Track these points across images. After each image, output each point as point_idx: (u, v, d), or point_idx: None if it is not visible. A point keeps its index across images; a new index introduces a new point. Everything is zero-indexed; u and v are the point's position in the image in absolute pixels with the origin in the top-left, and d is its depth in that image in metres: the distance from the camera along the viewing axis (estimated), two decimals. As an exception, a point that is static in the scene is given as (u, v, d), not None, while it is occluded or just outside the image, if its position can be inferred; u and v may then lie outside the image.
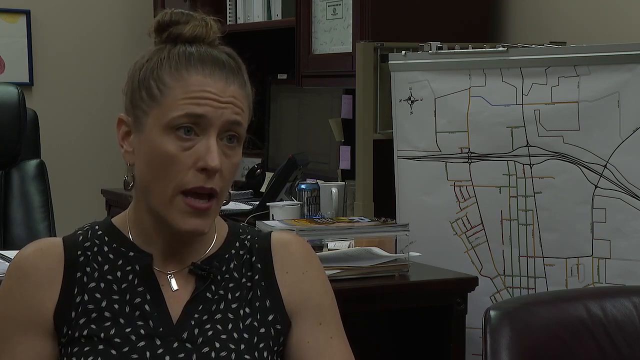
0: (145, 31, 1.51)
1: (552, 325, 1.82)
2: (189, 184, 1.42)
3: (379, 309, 2.57)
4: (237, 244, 1.55)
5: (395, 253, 2.54)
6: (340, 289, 1.77)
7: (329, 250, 2.52)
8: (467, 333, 2.54)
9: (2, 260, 2.36)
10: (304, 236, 2.37)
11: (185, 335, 1.46)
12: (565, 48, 2.85)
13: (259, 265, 1.53)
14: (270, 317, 1.50)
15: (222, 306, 1.49)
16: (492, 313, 1.80)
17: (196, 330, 1.46)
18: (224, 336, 1.46)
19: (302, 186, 3.37)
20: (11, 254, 2.29)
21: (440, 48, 2.95)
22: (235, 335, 1.47)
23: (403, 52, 3.01)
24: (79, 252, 1.50)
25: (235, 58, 1.49)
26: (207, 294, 1.49)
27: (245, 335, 1.47)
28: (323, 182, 3.49)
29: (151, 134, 1.43)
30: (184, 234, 1.46)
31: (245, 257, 1.54)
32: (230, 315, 1.48)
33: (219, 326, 1.47)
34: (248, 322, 1.48)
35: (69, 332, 1.45)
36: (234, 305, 1.49)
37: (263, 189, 3.93)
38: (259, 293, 1.51)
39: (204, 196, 1.43)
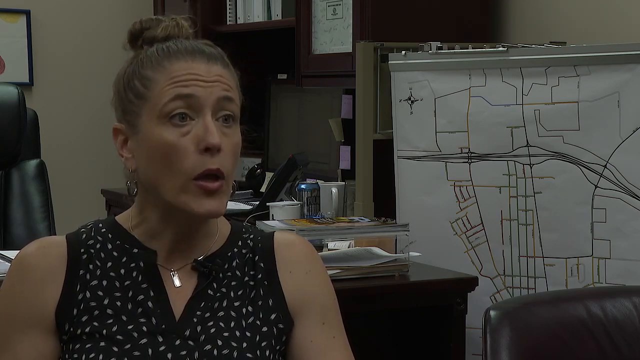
0: (121, 45, 1.54)
1: (552, 325, 1.82)
2: (195, 170, 1.42)
3: (379, 309, 2.57)
4: (240, 243, 1.55)
5: (395, 253, 2.54)
6: (340, 289, 1.77)
7: (329, 250, 2.52)
8: (467, 333, 2.54)
9: (2, 260, 2.36)
10: (304, 236, 2.36)
11: (187, 332, 1.46)
12: (565, 48, 2.85)
13: (262, 265, 1.53)
14: (273, 316, 1.50)
15: (224, 304, 1.49)
16: (492, 313, 1.80)
17: (198, 328, 1.46)
18: (226, 334, 1.46)
19: (302, 186, 3.37)
20: (11, 254, 2.29)
21: (440, 48, 2.95)
22: (237, 333, 1.47)
23: (403, 52, 3.01)
24: (82, 250, 1.50)
25: (214, 46, 1.51)
26: (209, 291, 1.49)
27: (248, 334, 1.47)
28: (323, 182, 3.48)
29: (148, 130, 1.44)
30: (200, 218, 1.46)
31: (248, 256, 1.54)
32: (233, 313, 1.48)
33: (221, 324, 1.47)
34: (250, 320, 1.49)
35: (71, 329, 1.46)
36: (236, 304, 1.49)
37: (263, 189, 3.92)
38: (261, 292, 1.51)
39: (212, 177, 1.43)
